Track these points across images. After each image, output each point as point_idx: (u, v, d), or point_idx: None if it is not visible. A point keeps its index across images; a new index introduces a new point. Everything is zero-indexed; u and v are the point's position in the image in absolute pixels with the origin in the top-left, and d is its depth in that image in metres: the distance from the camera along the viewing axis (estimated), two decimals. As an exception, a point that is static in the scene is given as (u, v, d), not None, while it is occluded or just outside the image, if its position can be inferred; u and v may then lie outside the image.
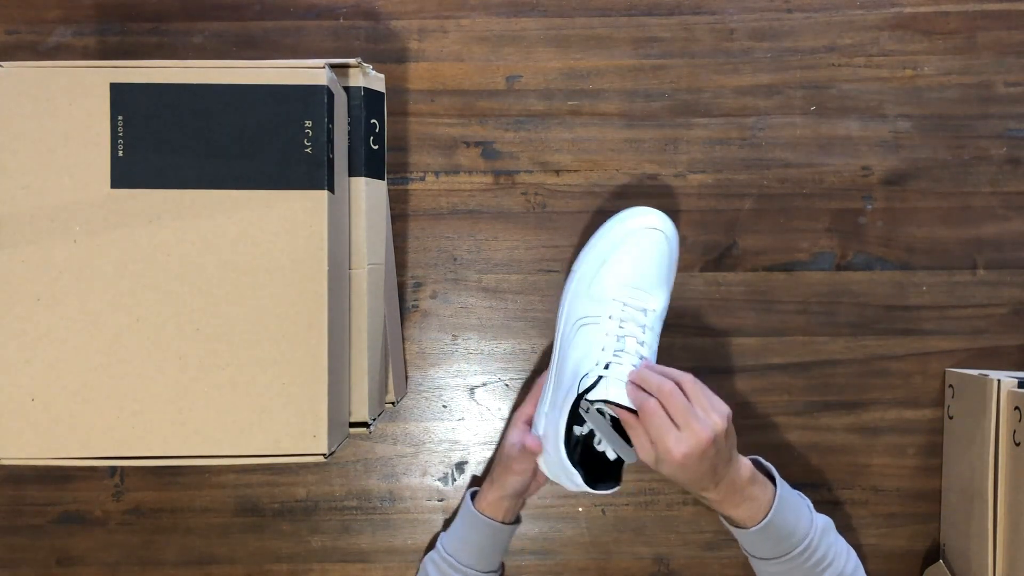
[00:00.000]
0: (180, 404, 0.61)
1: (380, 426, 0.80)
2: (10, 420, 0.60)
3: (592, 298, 0.69)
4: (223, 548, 0.80)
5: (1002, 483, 0.68)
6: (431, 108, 0.80)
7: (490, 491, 0.72)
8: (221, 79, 0.61)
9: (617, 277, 0.68)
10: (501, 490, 0.71)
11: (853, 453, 0.79)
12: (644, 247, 0.69)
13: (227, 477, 0.80)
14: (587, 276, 0.70)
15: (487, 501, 0.72)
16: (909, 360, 0.79)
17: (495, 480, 0.72)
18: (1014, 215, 0.79)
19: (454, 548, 0.72)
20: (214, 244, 0.61)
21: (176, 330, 0.61)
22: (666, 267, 0.70)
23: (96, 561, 0.79)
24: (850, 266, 0.79)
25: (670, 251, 0.70)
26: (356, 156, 0.69)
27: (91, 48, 0.79)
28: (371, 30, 0.80)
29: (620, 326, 0.66)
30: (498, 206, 0.80)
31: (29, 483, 0.79)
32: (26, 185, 0.61)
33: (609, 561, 0.80)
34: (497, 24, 0.80)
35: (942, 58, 0.79)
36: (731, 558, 0.80)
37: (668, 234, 0.70)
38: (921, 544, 0.80)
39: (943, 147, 0.79)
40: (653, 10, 0.80)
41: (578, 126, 0.80)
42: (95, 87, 0.61)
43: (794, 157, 0.79)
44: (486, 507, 0.72)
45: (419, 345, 0.80)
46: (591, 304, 0.68)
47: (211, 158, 0.61)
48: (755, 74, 0.79)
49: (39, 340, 0.61)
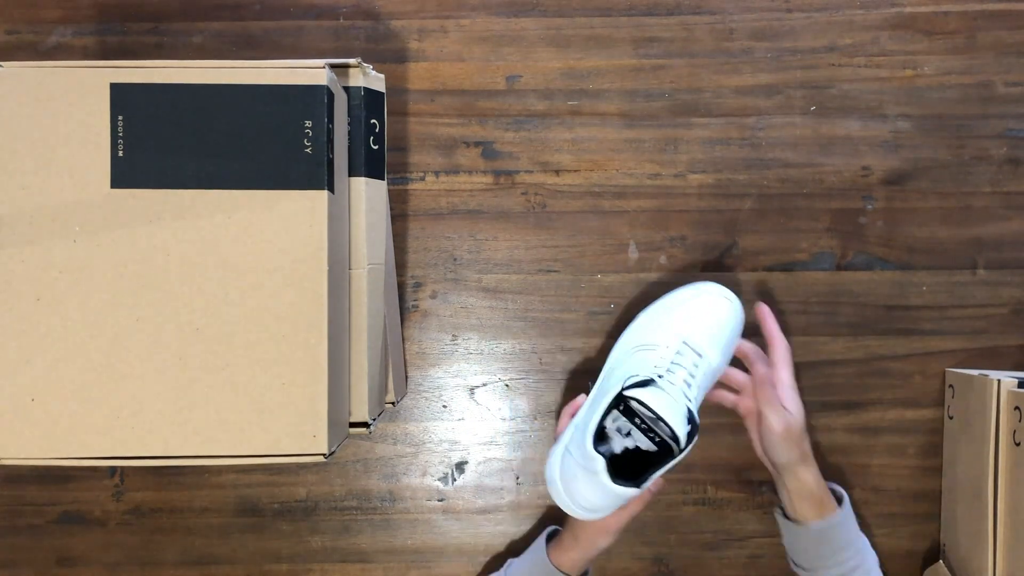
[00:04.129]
0: (180, 404, 0.61)
1: (380, 426, 0.80)
2: (10, 420, 0.60)
3: (654, 329, 0.69)
4: (223, 548, 0.80)
5: (1002, 483, 0.68)
6: (431, 108, 0.80)
7: (574, 550, 0.69)
8: (221, 79, 0.61)
9: (684, 320, 0.68)
10: (589, 551, 0.69)
11: (853, 453, 0.79)
12: (715, 307, 0.70)
13: (227, 477, 0.80)
14: (653, 315, 0.71)
15: (568, 558, 0.69)
16: (909, 360, 0.79)
17: (582, 540, 0.69)
18: (1014, 215, 0.79)
19: None
20: (214, 244, 0.61)
21: (176, 330, 0.61)
22: (729, 333, 0.69)
23: (96, 561, 0.79)
24: (850, 266, 0.79)
25: (737, 322, 0.70)
26: (356, 156, 0.69)
27: (91, 48, 0.79)
28: (371, 30, 0.80)
29: (674, 360, 0.66)
30: (498, 206, 0.80)
31: (29, 483, 0.79)
32: (26, 185, 0.61)
33: (609, 561, 0.80)
34: (497, 24, 0.80)
35: (942, 58, 0.79)
36: (731, 558, 0.80)
37: (737, 308, 0.70)
38: (921, 544, 0.80)
39: (943, 147, 0.79)
40: (653, 10, 0.80)
41: (578, 126, 0.80)
42: (95, 87, 0.61)
43: (794, 157, 0.79)
44: (565, 563, 0.69)
45: (419, 345, 0.80)
46: (651, 334, 0.68)
47: (211, 158, 0.61)
48: (755, 74, 0.79)
49: (39, 340, 0.61)
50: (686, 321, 0.68)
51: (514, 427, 0.80)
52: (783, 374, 0.68)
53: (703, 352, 0.67)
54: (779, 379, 0.68)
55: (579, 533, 0.69)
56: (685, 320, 0.68)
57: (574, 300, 0.80)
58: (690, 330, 0.68)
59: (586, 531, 0.69)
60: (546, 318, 0.80)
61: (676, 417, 0.62)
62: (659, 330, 0.68)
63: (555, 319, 0.80)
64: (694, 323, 0.68)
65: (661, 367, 0.65)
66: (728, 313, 0.69)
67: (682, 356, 0.66)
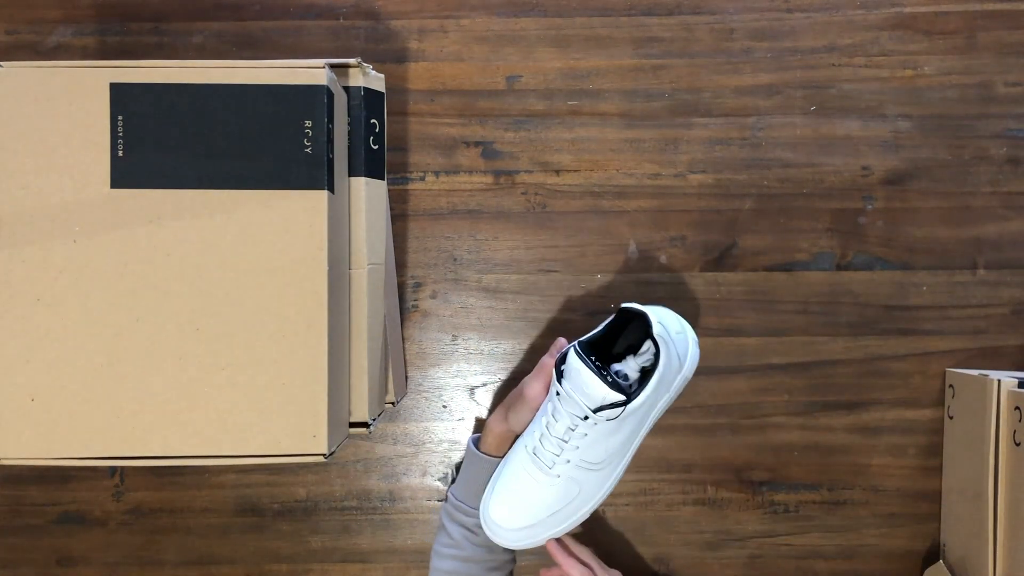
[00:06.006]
0: (180, 404, 0.61)
1: (380, 426, 0.80)
2: (10, 420, 0.60)
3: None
4: (223, 548, 0.80)
5: (1002, 483, 0.68)
6: (431, 108, 0.80)
7: (497, 426, 0.71)
8: (221, 79, 0.61)
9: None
10: (514, 425, 0.71)
11: (853, 453, 0.79)
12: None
13: (227, 477, 0.80)
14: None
15: (493, 436, 0.71)
16: (909, 360, 0.79)
17: (508, 417, 0.71)
18: (1014, 215, 0.79)
19: (464, 494, 0.72)
20: (214, 244, 0.61)
21: (176, 330, 0.61)
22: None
23: (96, 561, 0.79)
24: (850, 266, 0.79)
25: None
26: (356, 156, 0.69)
27: (91, 48, 0.79)
28: (371, 30, 0.80)
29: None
30: (498, 206, 0.80)
31: (29, 483, 0.79)
32: (26, 185, 0.61)
33: (609, 561, 0.80)
34: (497, 24, 0.80)
35: (942, 58, 0.79)
36: (731, 558, 0.80)
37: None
38: (921, 544, 0.80)
39: (943, 147, 0.79)
40: (653, 10, 0.80)
41: (578, 126, 0.80)
42: (95, 87, 0.61)
43: (794, 157, 0.79)
44: (492, 445, 0.72)
45: (419, 345, 0.80)
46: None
47: (211, 158, 0.61)
48: (755, 74, 0.79)
49: (39, 340, 0.61)
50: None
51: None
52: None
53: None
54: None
55: (506, 413, 0.71)
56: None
57: (574, 300, 0.80)
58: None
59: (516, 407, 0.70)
60: (546, 318, 0.80)
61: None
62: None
63: (555, 319, 0.80)
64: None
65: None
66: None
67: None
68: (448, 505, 0.73)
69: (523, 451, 0.69)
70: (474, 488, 0.72)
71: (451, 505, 0.73)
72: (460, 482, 0.74)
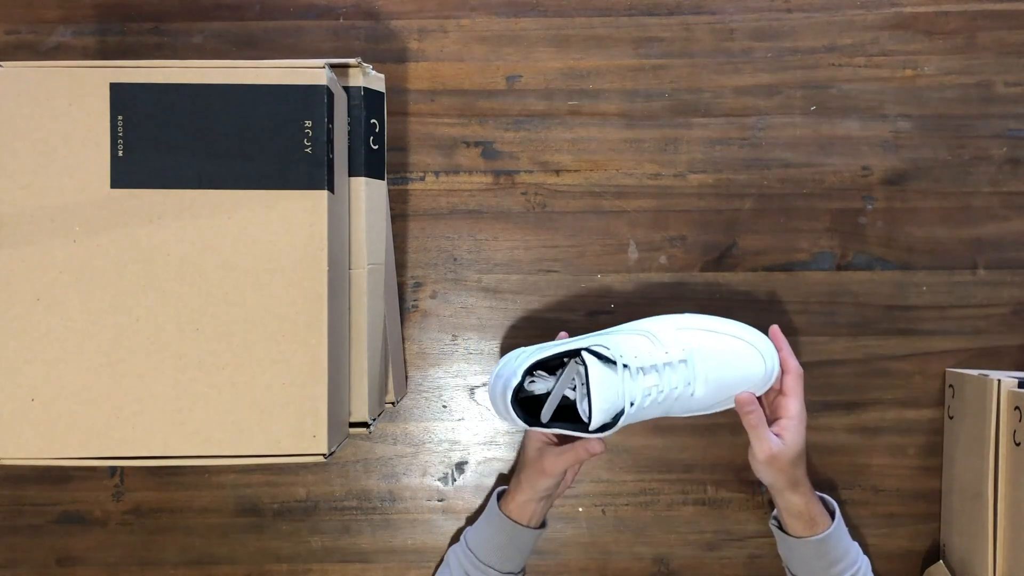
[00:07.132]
0: (180, 404, 0.61)
1: (380, 426, 0.80)
2: (10, 420, 0.60)
3: (674, 332, 0.66)
4: (223, 548, 0.80)
5: (1002, 483, 0.68)
6: (431, 108, 0.80)
7: (518, 493, 0.71)
8: (221, 79, 0.61)
9: (709, 355, 0.65)
10: (531, 493, 0.70)
11: (853, 453, 0.79)
12: (743, 357, 0.67)
13: (227, 477, 0.80)
14: (694, 323, 0.68)
15: (515, 503, 0.71)
16: (909, 360, 0.79)
17: (523, 482, 0.70)
18: (1014, 215, 0.79)
19: (477, 545, 0.72)
20: (214, 244, 0.61)
21: (176, 330, 0.61)
22: (737, 385, 0.66)
23: (96, 561, 0.79)
24: (850, 266, 0.79)
25: (751, 386, 0.67)
26: (356, 156, 0.69)
27: (91, 48, 0.79)
28: (371, 30, 0.80)
29: (659, 368, 0.63)
30: (498, 206, 0.80)
31: (29, 483, 0.79)
32: (26, 185, 0.61)
33: (609, 561, 0.80)
34: (497, 24, 0.80)
35: (942, 58, 0.79)
36: (731, 558, 0.80)
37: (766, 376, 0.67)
38: (921, 544, 0.80)
39: (943, 147, 0.79)
40: (653, 10, 0.80)
41: (578, 126, 0.80)
42: (95, 87, 0.61)
43: (794, 157, 0.79)
44: (513, 510, 0.71)
45: (419, 345, 0.80)
46: (668, 334, 0.66)
47: (211, 158, 0.61)
48: (755, 74, 0.79)
49: (39, 340, 0.61)
50: (710, 357, 0.66)
51: (514, 427, 0.80)
52: (791, 404, 0.67)
53: (695, 387, 0.65)
54: (785, 408, 0.67)
55: (521, 477, 0.71)
56: (711, 356, 0.66)
57: (574, 300, 0.80)
58: (704, 365, 0.65)
59: (527, 473, 0.71)
60: (546, 318, 0.80)
61: (603, 405, 0.60)
62: (677, 337, 0.66)
63: (555, 319, 0.80)
64: (714, 361, 0.66)
65: (640, 362, 0.63)
66: (752, 368, 0.67)
67: (671, 373, 0.64)
68: (460, 551, 0.73)
69: None
70: (490, 546, 0.71)
71: (463, 554, 0.72)
72: (478, 531, 0.73)
